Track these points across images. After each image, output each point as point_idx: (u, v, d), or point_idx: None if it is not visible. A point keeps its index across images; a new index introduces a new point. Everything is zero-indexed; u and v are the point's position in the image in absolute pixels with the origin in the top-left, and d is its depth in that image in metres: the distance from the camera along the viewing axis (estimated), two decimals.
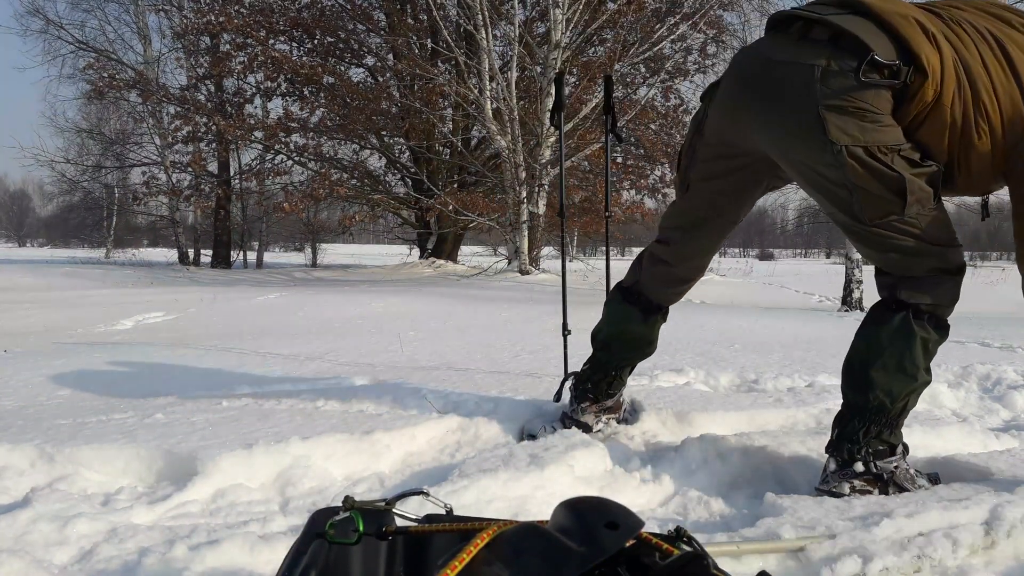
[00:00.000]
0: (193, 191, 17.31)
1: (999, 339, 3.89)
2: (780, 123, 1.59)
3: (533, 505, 1.65)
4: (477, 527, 0.88)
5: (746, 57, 1.72)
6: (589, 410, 2.10)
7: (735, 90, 1.71)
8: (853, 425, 1.64)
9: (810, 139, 1.54)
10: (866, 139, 1.50)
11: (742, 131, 1.70)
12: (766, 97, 1.61)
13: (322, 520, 0.93)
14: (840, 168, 1.52)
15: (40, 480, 1.73)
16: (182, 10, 16.55)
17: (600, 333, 2.12)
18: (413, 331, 4.21)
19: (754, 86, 1.64)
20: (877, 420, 1.62)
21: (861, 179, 1.52)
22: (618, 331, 2.08)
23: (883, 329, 1.60)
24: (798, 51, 1.57)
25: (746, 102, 1.66)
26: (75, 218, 26.36)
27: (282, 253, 34.08)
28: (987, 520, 1.47)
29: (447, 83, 12.19)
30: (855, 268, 8.89)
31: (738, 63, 1.73)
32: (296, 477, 1.77)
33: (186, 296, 7.02)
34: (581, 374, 2.16)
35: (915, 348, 1.58)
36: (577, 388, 2.15)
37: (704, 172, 1.84)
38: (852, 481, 1.63)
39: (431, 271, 13.22)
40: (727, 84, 1.73)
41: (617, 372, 2.13)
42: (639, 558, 0.78)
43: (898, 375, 1.59)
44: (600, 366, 2.12)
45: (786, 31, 1.63)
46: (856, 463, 1.63)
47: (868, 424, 1.62)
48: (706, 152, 1.82)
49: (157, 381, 2.73)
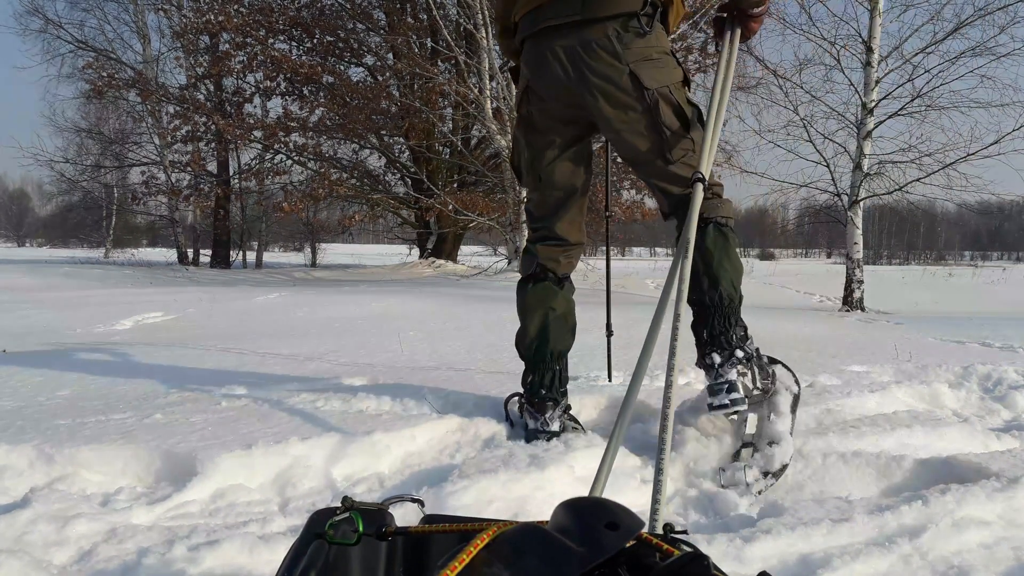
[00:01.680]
0: (192, 191, 17.31)
1: (1000, 339, 3.88)
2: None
3: (533, 505, 1.65)
4: (477, 528, 0.88)
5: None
6: (553, 417, 2.05)
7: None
8: (716, 322, 1.86)
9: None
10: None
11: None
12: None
13: (321, 520, 0.92)
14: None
15: (39, 480, 1.73)
16: (181, 9, 16.54)
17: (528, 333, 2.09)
18: (413, 331, 4.21)
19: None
20: (732, 310, 1.88)
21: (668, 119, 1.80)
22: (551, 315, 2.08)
23: (705, 238, 1.85)
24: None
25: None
26: (74, 218, 26.38)
27: (282, 253, 34.09)
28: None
29: (447, 82, 12.18)
30: (856, 268, 8.89)
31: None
32: (296, 477, 1.77)
33: (185, 296, 7.02)
34: (531, 387, 2.09)
35: (732, 248, 1.89)
36: (532, 402, 2.08)
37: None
38: (736, 367, 1.84)
39: (431, 271, 13.21)
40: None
41: (561, 364, 2.11)
42: (639, 558, 0.78)
43: (733, 269, 1.88)
44: (546, 366, 2.08)
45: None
46: (736, 350, 1.85)
47: (727, 316, 1.86)
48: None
49: (156, 381, 2.73)
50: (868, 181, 8.89)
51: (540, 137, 1.95)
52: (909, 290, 13.73)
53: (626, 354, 3.24)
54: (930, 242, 70.76)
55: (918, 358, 3.20)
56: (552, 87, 1.85)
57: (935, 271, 23.32)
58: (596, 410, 2.42)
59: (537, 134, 1.95)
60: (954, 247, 73.31)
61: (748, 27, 1.99)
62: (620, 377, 2.76)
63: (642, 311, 5.51)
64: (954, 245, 74.26)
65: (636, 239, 54.50)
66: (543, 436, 2.02)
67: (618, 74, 1.77)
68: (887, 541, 1.44)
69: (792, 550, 1.41)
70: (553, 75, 1.82)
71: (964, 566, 1.38)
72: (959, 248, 73.59)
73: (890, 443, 2.06)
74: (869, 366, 2.96)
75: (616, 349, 2.83)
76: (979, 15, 8.49)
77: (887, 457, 1.92)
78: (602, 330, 2.88)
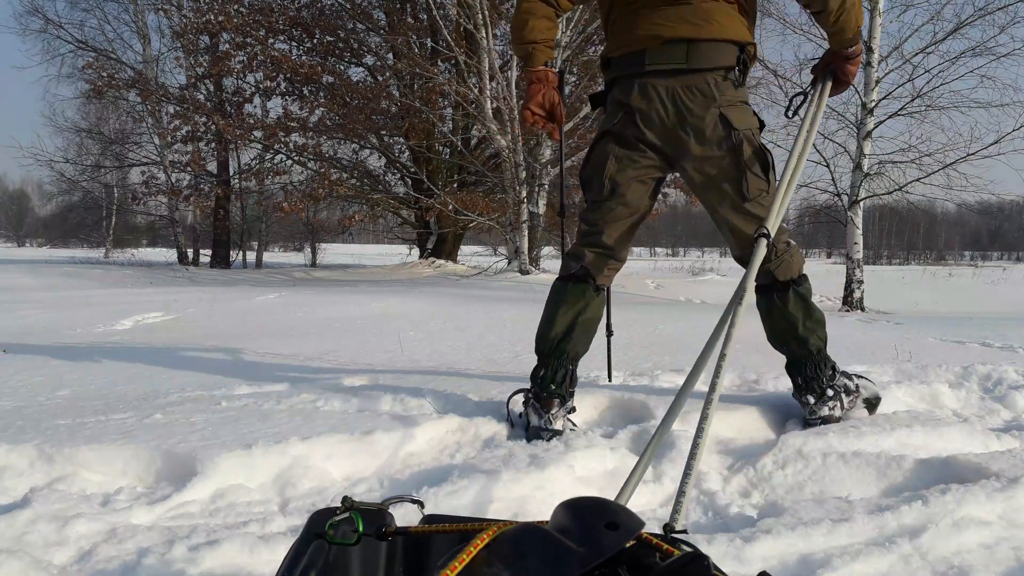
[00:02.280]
0: (192, 191, 17.32)
1: (1000, 339, 3.88)
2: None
3: (533, 505, 1.65)
4: (477, 528, 0.88)
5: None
6: (558, 415, 2.10)
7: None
8: (808, 370, 2.18)
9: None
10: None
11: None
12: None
13: (322, 520, 0.92)
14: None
15: (39, 480, 1.73)
16: (181, 9, 16.55)
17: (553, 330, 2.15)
18: (413, 331, 4.21)
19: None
20: (822, 358, 2.20)
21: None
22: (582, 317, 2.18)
23: (787, 304, 2.15)
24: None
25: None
26: (74, 218, 26.39)
27: (282, 253, 34.10)
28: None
29: (447, 82, 12.18)
30: (856, 268, 8.90)
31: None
32: (296, 477, 1.77)
33: (185, 296, 7.02)
34: (541, 381, 2.13)
35: (811, 304, 2.19)
36: (540, 396, 2.12)
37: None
38: (827, 404, 2.17)
39: (431, 271, 13.21)
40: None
41: (575, 365, 2.19)
42: (639, 558, 0.78)
43: (816, 325, 2.18)
44: (561, 363, 2.14)
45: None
46: (826, 391, 2.18)
47: (818, 364, 2.18)
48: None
49: (157, 381, 2.73)
50: (868, 181, 8.89)
51: (628, 153, 2.08)
52: (909, 290, 13.73)
53: (626, 354, 3.24)
54: (930, 242, 70.73)
55: (918, 358, 3.20)
56: (653, 119, 2.02)
57: (935, 271, 23.32)
58: (596, 410, 2.41)
59: (626, 149, 2.08)
60: (954, 247, 73.25)
61: (846, 71, 2.17)
62: (620, 377, 2.76)
63: (642, 311, 5.51)
64: (954, 245, 74.20)
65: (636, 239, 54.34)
66: (545, 434, 2.05)
67: (711, 115, 1.97)
68: (887, 541, 1.44)
69: (792, 550, 1.41)
70: (655, 110, 2.01)
71: (964, 566, 1.38)
72: (959, 248, 73.54)
73: (890, 443, 2.06)
74: (869, 366, 2.95)
75: (616, 349, 2.83)
76: (979, 15, 8.51)
77: (887, 457, 1.92)
78: (602, 330, 2.88)
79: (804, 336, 2.15)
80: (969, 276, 20.52)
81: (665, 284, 12.87)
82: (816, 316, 2.18)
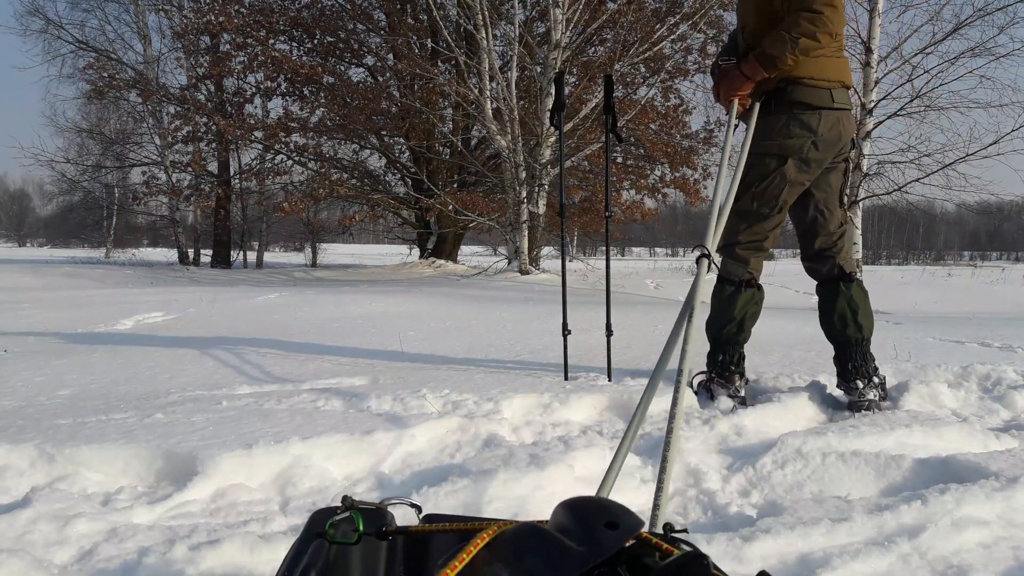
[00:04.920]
0: (193, 191, 17.31)
1: (999, 339, 3.88)
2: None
3: (533, 505, 1.65)
4: (477, 527, 0.88)
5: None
6: (741, 386, 2.57)
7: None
8: (859, 356, 2.50)
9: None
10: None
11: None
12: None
13: (322, 520, 0.93)
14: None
15: (40, 480, 1.73)
16: (182, 10, 16.54)
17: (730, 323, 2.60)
18: (413, 331, 4.21)
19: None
20: (869, 347, 2.53)
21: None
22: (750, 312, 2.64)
23: (851, 290, 2.54)
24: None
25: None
26: (75, 218, 26.35)
27: (282, 253, 34.09)
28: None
29: (447, 83, 12.19)
30: (855, 268, 8.90)
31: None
32: (296, 477, 1.77)
33: (186, 296, 7.02)
34: (722, 364, 2.59)
35: (866, 298, 2.58)
36: (723, 375, 2.58)
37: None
38: (874, 390, 2.46)
39: (431, 271, 13.21)
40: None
41: (743, 348, 2.65)
42: (639, 558, 0.78)
43: (869, 317, 2.55)
44: (735, 348, 2.62)
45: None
46: (874, 377, 2.48)
47: (866, 352, 2.51)
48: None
49: (157, 381, 2.73)
50: (867, 181, 8.89)
51: (805, 177, 2.46)
52: (908, 290, 13.72)
53: (625, 354, 3.24)
54: (929, 242, 70.68)
55: (917, 358, 3.20)
56: (833, 146, 2.43)
57: (934, 271, 23.30)
58: (596, 410, 2.42)
59: (805, 174, 2.45)
60: (953, 247, 73.20)
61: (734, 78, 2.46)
62: (620, 377, 2.77)
63: (641, 311, 5.51)
64: (953, 245, 74.14)
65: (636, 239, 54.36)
66: (736, 400, 2.52)
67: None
68: (886, 541, 1.44)
69: (791, 549, 1.42)
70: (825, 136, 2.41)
71: (963, 565, 1.38)
72: (958, 248, 73.47)
73: (889, 443, 2.06)
74: None
75: (616, 349, 2.83)
76: (978, 16, 8.51)
77: (886, 457, 1.93)
78: (602, 330, 2.88)
79: (862, 322, 2.50)
80: (968, 276, 20.50)
81: (665, 284, 12.86)
82: (869, 311, 2.55)
